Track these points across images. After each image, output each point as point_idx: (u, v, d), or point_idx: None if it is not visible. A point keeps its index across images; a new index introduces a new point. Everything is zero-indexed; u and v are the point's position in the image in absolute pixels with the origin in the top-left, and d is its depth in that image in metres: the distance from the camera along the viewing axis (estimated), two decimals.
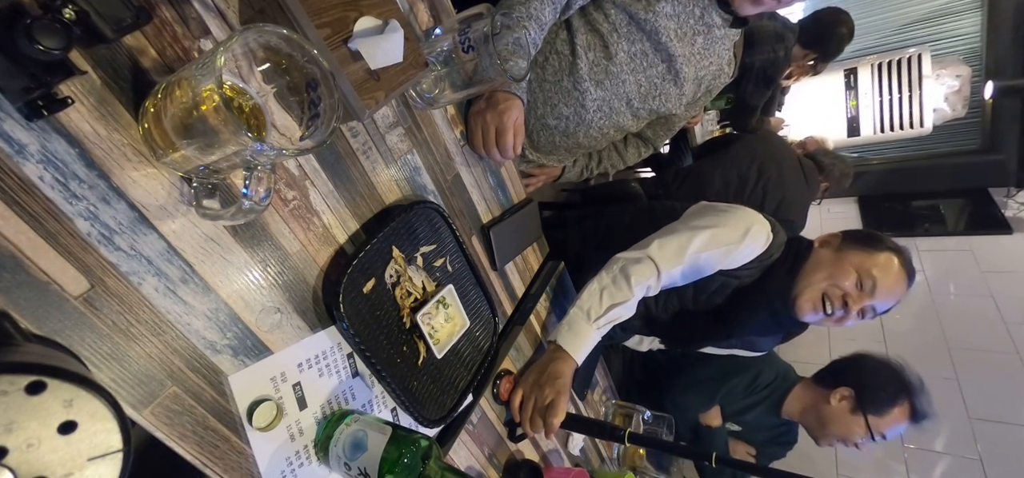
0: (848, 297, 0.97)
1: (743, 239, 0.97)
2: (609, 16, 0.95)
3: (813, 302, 0.99)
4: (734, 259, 0.99)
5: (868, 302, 0.97)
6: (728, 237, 0.97)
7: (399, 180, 0.70)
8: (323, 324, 0.60)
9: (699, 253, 0.96)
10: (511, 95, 0.81)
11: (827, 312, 0.98)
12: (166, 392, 0.46)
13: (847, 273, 0.98)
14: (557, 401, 0.84)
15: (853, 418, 1.30)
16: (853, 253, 1.00)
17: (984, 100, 2.97)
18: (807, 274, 1.01)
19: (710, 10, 0.97)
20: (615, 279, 0.94)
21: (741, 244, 0.97)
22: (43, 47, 0.33)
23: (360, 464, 0.55)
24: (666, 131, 1.19)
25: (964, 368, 2.35)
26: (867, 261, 0.99)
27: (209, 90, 0.36)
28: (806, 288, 0.99)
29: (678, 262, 0.95)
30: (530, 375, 0.90)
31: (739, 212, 1.02)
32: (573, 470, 1.02)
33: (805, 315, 1.00)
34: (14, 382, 0.29)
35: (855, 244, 1.02)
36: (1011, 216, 2.99)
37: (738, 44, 1.08)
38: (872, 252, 1.00)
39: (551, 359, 0.90)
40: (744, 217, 1.00)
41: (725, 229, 0.98)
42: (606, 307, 0.91)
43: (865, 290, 0.97)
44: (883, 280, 0.97)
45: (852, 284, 0.97)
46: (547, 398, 0.84)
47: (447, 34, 0.66)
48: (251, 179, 0.43)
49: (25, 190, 0.38)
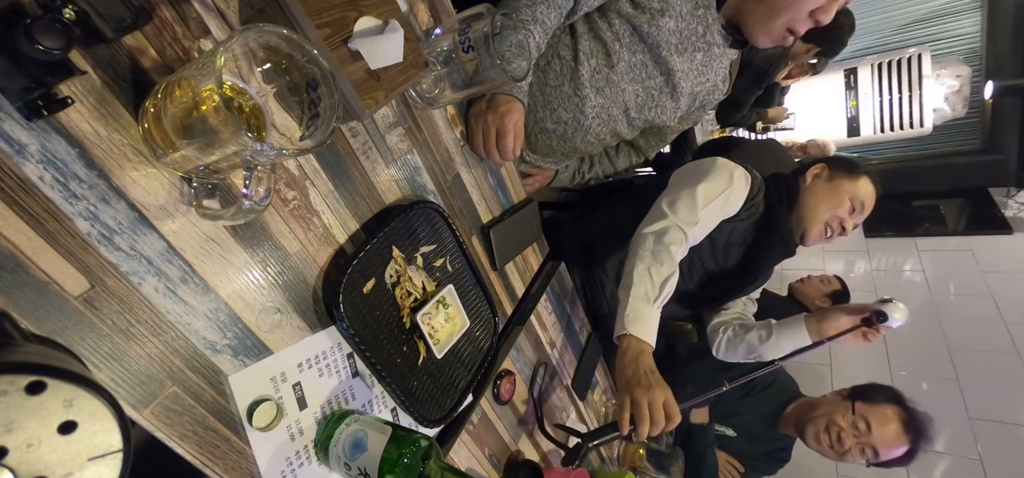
0: (845, 221, 1.14)
1: (732, 184, 1.04)
2: (613, 25, 0.96)
3: (820, 232, 1.15)
4: (731, 206, 1.06)
5: (859, 218, 1.16)
6: (720, 186, 1.03)
7: (399, 180, 0.70)
8: (323, 324, 0.60)
9: (706, 206, 0.99)
10: (512, 97, 0.82)
11: (829, 236, 1.15)
12: (166, 392, 0.46)
13: (843, 201, 1.13)
14: (670, 406, 0.79)
15: (842, 403, 1.31)
16: (843, 181, 1.15)
17: (984, 100, 2.98)
18: (809, 207, 1.15)
19: (713, 29, 0.98)
20: (656, 254, 0.92)
21: (732, 188, 1.04)
22: (43, 47, 0.33)
23: (360, 464, 0.55)
24: (658, 141, 1.22)
25: (964, 368, 2.36)
26: (855, 188, 1.15)
27: (209, 90, 0.36)
28: (813, 222, 1.14)
29: (695, 218, 0.97)
30: (626, 392, 0.81)
31: (717, 162, 1.06)
32: (573, 470, 1.02)
33: (814, 242, 1.16)
34: (14, 382, 0.29)
35: (841, 172, 1.17)
36: (1011, 216, 2.99)
37: (735, 63, 1.10)
38: (855, 178, 1.16)
39: (636, 355, 0.83)
40: (723, 165, 1.06)
41: (715, 181, 1.03)
42: (659, 284, 0.89)
43: (856, 211, 1.14)
44: (869, 200, 1.16)
45: (847, 210, 1.13)
46: (660, 402, 0.78)
47: (447, 34, 0.66)
48: (251, 179, 0.43)
49: (25, 190, 0.38)
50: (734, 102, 1.96)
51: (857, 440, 1.28)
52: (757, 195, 1.11)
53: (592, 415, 1.19)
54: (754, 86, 1.91)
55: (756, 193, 1.10)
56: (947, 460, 2.08)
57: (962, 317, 2.58)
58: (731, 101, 1.94)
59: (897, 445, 1.27)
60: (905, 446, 1.26)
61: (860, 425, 1.28)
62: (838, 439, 1.29)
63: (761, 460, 1.53)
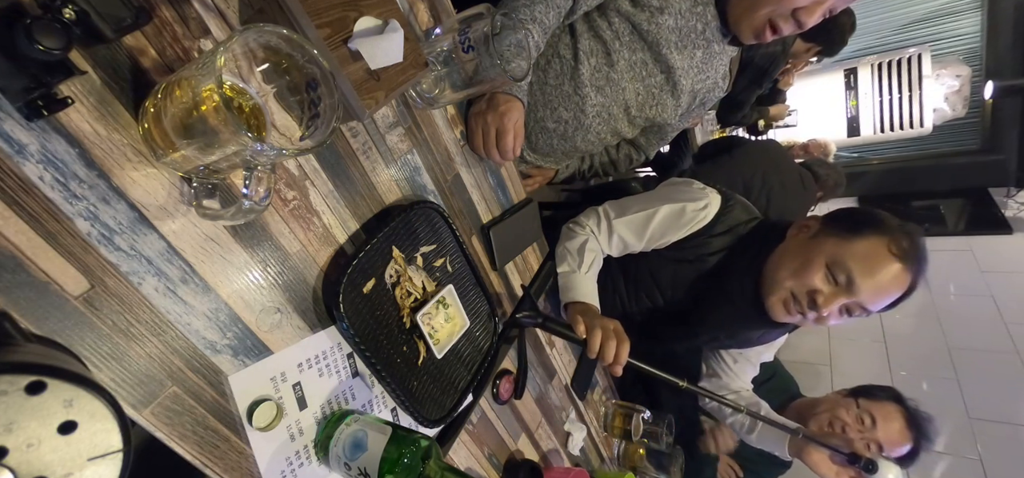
0: (818, 295, 0.83)
1: (668, 209, 0.97)
2: (612, 24, 0.96)
3: (784, 303, 0.88)
4: (663, 232, 0.98)
5: (846, 299, 0.83)
6: (649, 205, 0.99)
7: (399, 180, 0.70)
8: (323, 324, 0.60)
9: (617, 207, 1.02)
10: (512, 96, 0.82)
11: (797, 314, 0.86)
12: (166, 392, 0.46)
13: (815, 267, 0.84)
14: (621, 346, 0.77)
15: (846, 399, 1.31)
16: (827, 241, 0.86)
17: (984, 100, 2.98)
18: (772, 269, 0.90)
19: (712, 26, 0.98)
20: (567, 234, 1.03)
21: (663, 212, 0.97)
22: (43, 47, 0.33)
23: (360, 464, 0.55)
24: (658, 139, 1.21)
25: (964, 368, 2.36)
26: (841, 250, 0.84)
27: (209, 90, 0.36)
28: (771, 286, 0.89)
29: (615, 211, 1.01)
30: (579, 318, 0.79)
31: (693, 184, 1.02)
32: (573, 470, 1.02)
33: (780, 318, 0.90)
34: (14, 382, 0.29)
35: (832, 229, 0.88)
36: (1011, 216, 2.99)
37: (734, 60, 1.10)
38: (850, 239, 0.84)
39: (582, 311, 0.88)
40: (695, 187, 1.01)
41: (652, 201, 1.01)
42: (575, 252, 0.98)
43: (839, 285, 0.83)
44: (863, 271, 0.81)
45: (821, 279, 0.84)
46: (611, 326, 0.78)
47: (447, 34, 0.66)
48: (251, 179, 0.43)
49: (25, 190, 0.38)
50: (734, 101, 1.96)
51: (861, 436, 1.28)
52: (723, 234, 0.96)
53: (592, 415, 1.19)
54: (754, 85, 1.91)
55: (721, 232, 0.96)
56: (947, 460, 2.09)
57: (962, 317, 2.58)
58: (731, 100, 1.94)
59: (901, 442, 1.26)
60: (909, 444, 1.26)
61: (865, 420, 1.27)
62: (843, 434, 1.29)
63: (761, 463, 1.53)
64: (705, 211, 0.96)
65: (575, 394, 1.12)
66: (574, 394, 1.12)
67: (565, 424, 1.08)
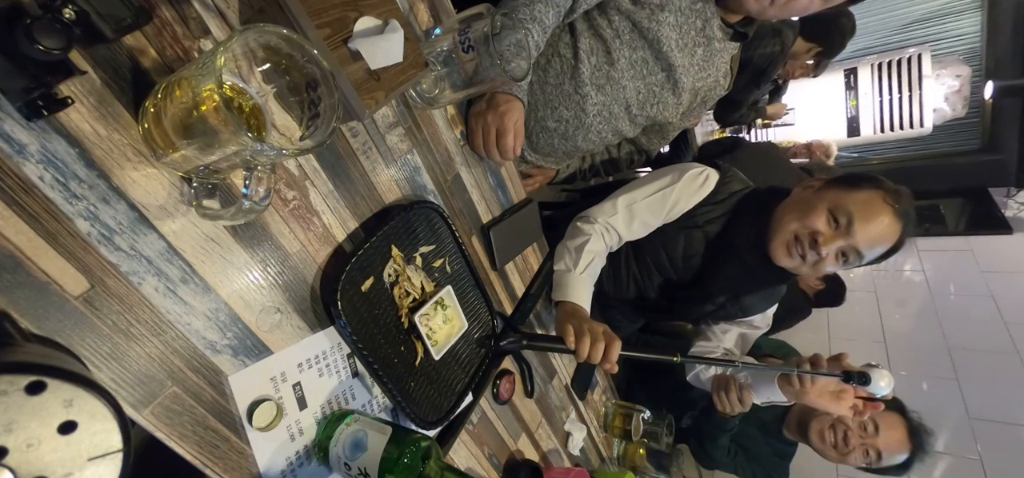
0: (819, 236, 0.89)
1: (679, 181, 1.02)
2: (612, 22, 0.96)
3: (786, 244, 0.94)
4: (676, 202, 1.02)
5: (844, 242, 0.89)
6: (661, 182, 1.03)
7: (399, 180, 0.70)
8: (323, 324, 0.60)
9: (629, 195, 1.04)
10: (512, 96, 0.82)
11: (799, 257, 0.93)
12: (166, 392, 0.46)
13: (818, 211, 0.91)
14: (611, 347, 0.78)
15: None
16: (830, 192, 0.94)
17: (984, 100, 2.97)
18: (779, 218, 0.97)
19: (712, 23, 0.98)
20: (572, 233, 1.03)
21: (676, 185, 1.02)
22: (43, 47, 0.33)
23: (360, 464, 0.55)
24: (660, 138, 1.21)
25: (964, 368, 2.36)
26: (843, 198, 0.91)
27: (209, 90, 0.36)
28: (777, 231, 0.95)
29: (617, 208, 1.03)
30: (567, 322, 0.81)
31: (678, 165, 1.07)
32: (573, 470, 1.02)
33: (781, 260, 0.96)
34: (14, 382, 0.29)
35: (835, 184, 0.95)
36: (1011, 216, 2.99)
37: (735, 58, 1.09)
38: (851, 190, 0.92)
39: (570, 312, 0.88)
40: (680, 165, 1.05)
41: (660, 178, 1.04)
42: (574, 252, 0.98)
43: (839, 228, 0.89)
44: (861, 216, 0.88)
45: (823, 222, 0.90)
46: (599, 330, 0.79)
47: (447, 34, 0.66)
48: (251, 179, 0.43)
49: (25, 190, 0.38)
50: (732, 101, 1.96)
51: (862, 441, 1.28)
52: (726, 200, 1.02)
53: (592, 415, 1.19)
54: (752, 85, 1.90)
55: (724, 198, 1.02)
56: (947, 460, 2.08)
57: (962, 317, 2.58)
58: (729, 100, 1.94)
59: (900, 451, 1.27)
60: (906, 454, 1.26)
61: (868, 426, 1.28)
62: (844, 438, 1.29)
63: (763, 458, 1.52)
64: (707, 180, 1.05)
65: (575, 394, 1.12)
66: (574, 394, 1.12)
67: (565, 424, 1.08)
